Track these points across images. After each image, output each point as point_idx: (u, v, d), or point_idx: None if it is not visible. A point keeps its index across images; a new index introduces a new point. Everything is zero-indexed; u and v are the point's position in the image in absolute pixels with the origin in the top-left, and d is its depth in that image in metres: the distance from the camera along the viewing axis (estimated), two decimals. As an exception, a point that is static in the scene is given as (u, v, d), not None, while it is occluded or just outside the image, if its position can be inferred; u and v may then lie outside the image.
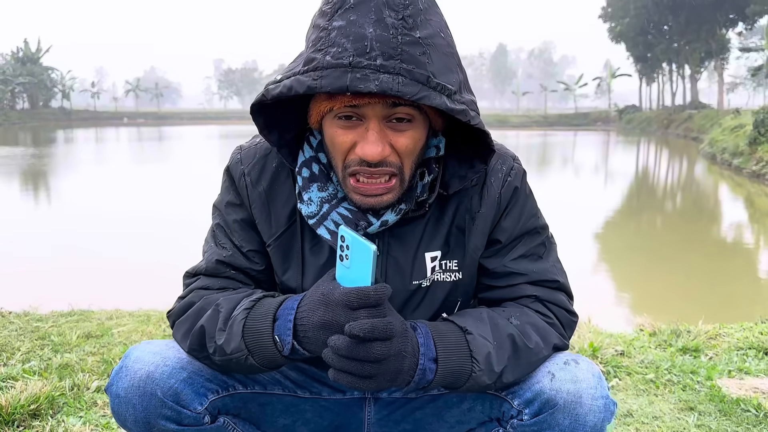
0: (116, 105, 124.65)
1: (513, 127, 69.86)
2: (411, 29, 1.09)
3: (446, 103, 1.10)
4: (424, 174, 1.28)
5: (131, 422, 1.26)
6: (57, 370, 2.76)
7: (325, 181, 1.28)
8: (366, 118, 1.15)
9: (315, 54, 1.09)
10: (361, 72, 1.06)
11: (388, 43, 1.07)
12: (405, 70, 1.07)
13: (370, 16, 1.08)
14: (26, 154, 35.05)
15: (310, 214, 1.28)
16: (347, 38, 1.07)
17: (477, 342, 1.20)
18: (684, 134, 47.51)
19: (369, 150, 1.14)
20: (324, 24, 1.11)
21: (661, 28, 62.64)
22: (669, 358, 3.09)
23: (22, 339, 3.20)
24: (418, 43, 1.09)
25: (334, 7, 1.10)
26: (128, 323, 3.50)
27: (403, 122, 1.16)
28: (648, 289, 9.83)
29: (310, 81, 1.07)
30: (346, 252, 1.11)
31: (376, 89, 1.05)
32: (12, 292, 7.26)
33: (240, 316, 1.19)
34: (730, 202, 21.25)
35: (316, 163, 1.29)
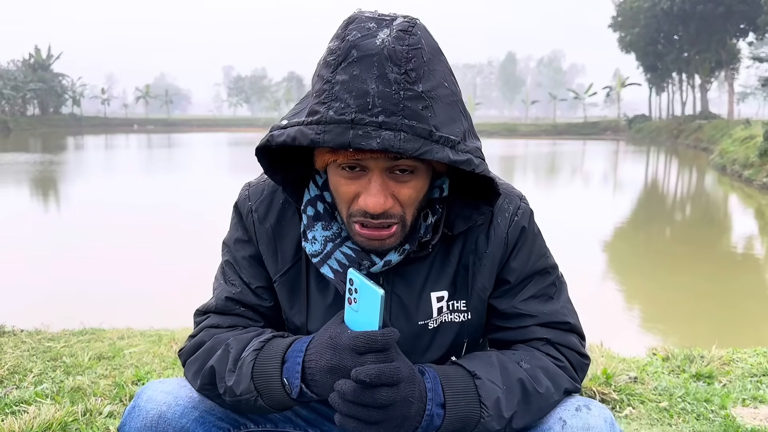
0: (126, 111, 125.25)
1: (522, 135, 69.83)
2: (413, 83, 1.09)
3: (449, 155, 1.10)
4: (427, 215, 1.28)
5: None
6: (69, 394, 2.76)
7: (330, 220, 1.29)
8: (369, 170, 1.15)
9: (318, 107, 1.10)
10: (363, 129, 1.06)
11: (390, 99, 1.07)
12: (407, 126, 1.07)
13: (373, 71, 1.07)
14: (37, 161, 35.21)
15: (314, 252, 1.28)
16: (350, 93, 1.07)
17: (486, 387, 1.20)
18: (694, 144, 47.38)
19: (371, 202, 1.14)
20: (328, 76, 1.11)
21: (672, 38, 62.54)
22: (682, 384, 3.06)
23: (34, 360, 3.20)
24: (421, 97, 1.09)
25: (337, 60, 1.10)
26: (140, 344, 3.50)
27: (406, 173, 1.16)
28: (658, 303, 9.79)
29: (314, 135, 1.08)
30: (355, 295, 1.11)
31: (378, 146, 1.05)
32: (23, 306, 7.29)
33: (249, 358, 1.20)
34: (740, 214, 21.16)
35: (321, 201, 1.29)
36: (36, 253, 11.17)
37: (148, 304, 7.48)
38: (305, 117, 1.12)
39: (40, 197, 22.12)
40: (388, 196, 1.16)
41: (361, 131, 1.06)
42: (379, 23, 1.12)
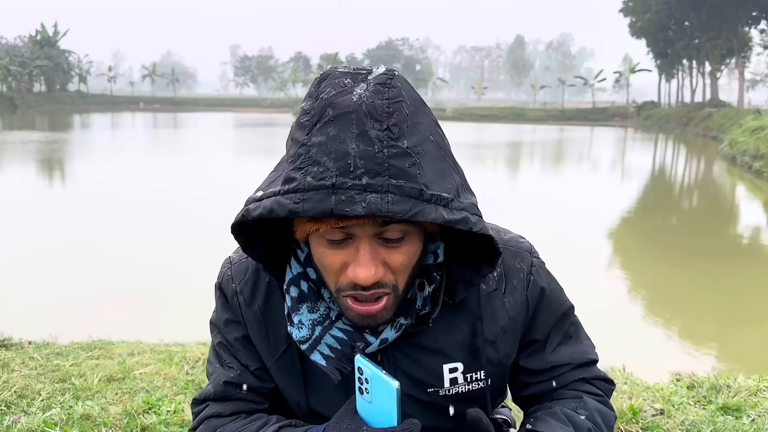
0: (132, 90, 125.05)
1: (529, 120, 69.50)
2: (397, 139, 0.98)
3: (443, 214, 0.98)
4: (424, 285, 1.16)
5: None
6: (78, 422, 2.68)
7: (316, 300, 1.16)
8: (356, 237, 1.04)
9: (294, 173, 0.99)
10: (346, 194, 0.95)
11: (374, 158, 0.96)
12: (394, 187, 0.96)
13: (352, 130, 0.97)
14: (48, 139, 35.11)
15: (301, 339, 1.16)
16: (328, 156, 0.97)
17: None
18: (703, 133, 47.09)
19: (362, 274, 1.03)
20: (303, 139, 1.00)
21: (683, 25, 62.04)
22: (710, 418, 2.97)
23: (42, 381, 3.13)
24: (407, 154, 0.98)
25: (312, 120, 1.00)
26: (150, 362, 3.42)
27: (396, 240, 1.06)
28: (664, 295, 9.72)
29: (291, 204, 0.97)
30: (366, 385, 1.03)
31: (364, 212, 0.94)
32: (30, 310, 7.20)
33: None
34: (749, 206, 21.05)
35: (304, 279, 1.17)
36: (41, 252, 11.06)
37: (156, 310, 7.38)
38: (281, 186, 1.01)
39: (46, 184, 22.09)
40: (379, 264, 1.05)
41: (344, 196, 0.95)
42: (354, 78, 1.02)
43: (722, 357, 7.09)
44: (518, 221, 9.30)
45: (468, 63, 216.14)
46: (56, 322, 5.10)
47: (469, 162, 28.36)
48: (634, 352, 5.02)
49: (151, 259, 10.38)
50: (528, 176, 26.93)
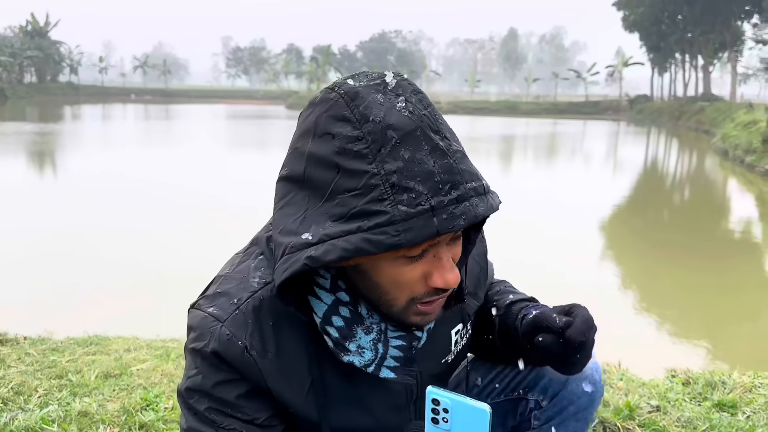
0: (124, 81, 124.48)
1: (523, 114, 69.53)
2: (451, 143, 1.01)
3: (497, 202, 1.05)
4: None
5: None
6: (76, 419, 2.68)
7: (361, 321, 1.13)
8: (433, 246, 1.04)
9: (377, 206, 0.95)
10: (446, 211, 0.95)
11: (451, 170, 0.97)
12: (473, 191, 0.99)
13: (424, 147, 0.97)
14: (42, 131, 34.94)
15: (367, 362, 1.13)
16: (414, 180, 0.95)
17: None
18: (695, 127, 47.26)
19: (452, 278, 1.04)
20: (370, 168, 0.96)
21: (676, 18, 62.19)
22: (706, 415, 2.99)
23: (39, 377, 3.12)
24: (464, 156, 1.02)
25: (374, 147, 0.96)
26: (147, 358, 3.42)
27: (456, 238, 1.08)
28: (654, 290, 9.78)
29: (390, 239, 0.93)
30: (444, 415, 1.00)
31: (465, 224, 0.96)
32: (24, 303, 7.18)
33: None
34: (741, 200, 21.17)
35: (342, 305, 1.12)
36: (33, 245, 11.01)
37: (150, 304, 7.38)
38: (357, 222, 0.96)
39: (38, 175, 22.02)
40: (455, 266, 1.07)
41: (445, 215, 0.95)
42: (382, 92, 1.00)
43: (716, 353, 7.15)
44: (510, 215, 9.34)
45: (461, 55, 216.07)
46: (51, 317, 5.11)
47: (462, 155, 28.37)
48: (629, 347, 5.06)
49: (145, 253, 10.37)
50: (520, 170, 27.00)
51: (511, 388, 1.48)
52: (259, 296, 1.13)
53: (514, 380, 1.48)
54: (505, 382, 1.49)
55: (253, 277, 1.15)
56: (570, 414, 1.41)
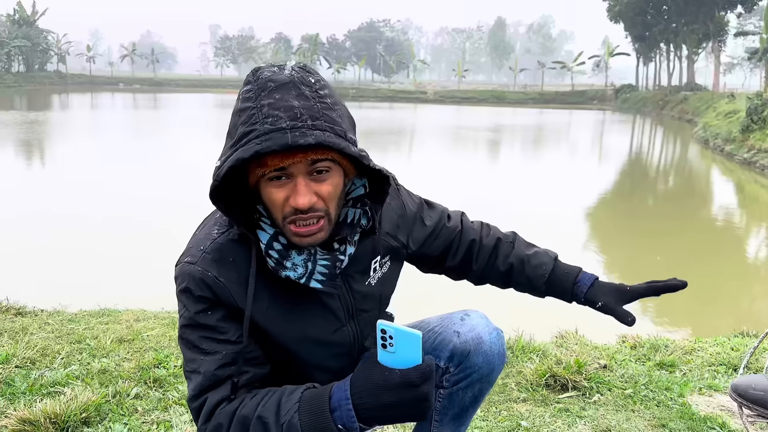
0: (112, 70, 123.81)
1: (509, 103, 69.93)
2: (324, 98, 1.39)
3: (357, 151, 1.40)
4: (355, 212, 1.55)
5: None
6: (97, 376, 3.06)
7: (295, 246, 1.48)
8: (293, 176, 1.39)
9: (250, 127, 1.33)
10: (299, 131, 1.31)
11: (312, 109, 1.35)
12: (329, 127, 1.36)
13: (292, 93, 1.35)
14: (38, 119, 34.89)
15: (299, 275, 1.47)
16: (278, 110, 1.32)
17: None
18: (679, 116, 47.74)
19: (300, 200, 1.37)
20: (252, 105, 1.35)
21: (660, 9, 62.51)
22: (647, 372, 3.41)
23: (60, 342, 3.50)
24: (332, 108, 1.39)
25: (257, 92, 1.36)
26: (155, 327, 3.81)
27: (323, 173, 1.42)
28: (636, 275, 10.17)
29: (255, 146, 1.30)
30: (390, 341, 1.32)
31: (314, 141, 1.31)
32: (34, 282, 7.54)
33: (294, 419, 1.34)
34: (720, 188, 21.57)
35: (281, 236, 1.47)
36: (40, 225, 11.40)
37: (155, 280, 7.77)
38: (238, 144, 1.34)
39: (32, 162, 22.13)
40: (312, 193, 1.40)
41: (298, 132, 1.31)
42: (279, 67, 1.40)
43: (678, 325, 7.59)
44: (495, 202, 9.66)
45: (449, 45, 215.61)
46: (63, 292, 5.47)
47: (451, 143, 28.61)
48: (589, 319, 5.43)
49: (144, 235, 10.78)
50: (506, 158, 27.30)
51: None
52: (219, 240, 1.49)
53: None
54: None
55: (213, 229, 1.52)
56: (474, 380, 1.68)
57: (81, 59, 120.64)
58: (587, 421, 2.85)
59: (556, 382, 3.17)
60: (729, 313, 8.23)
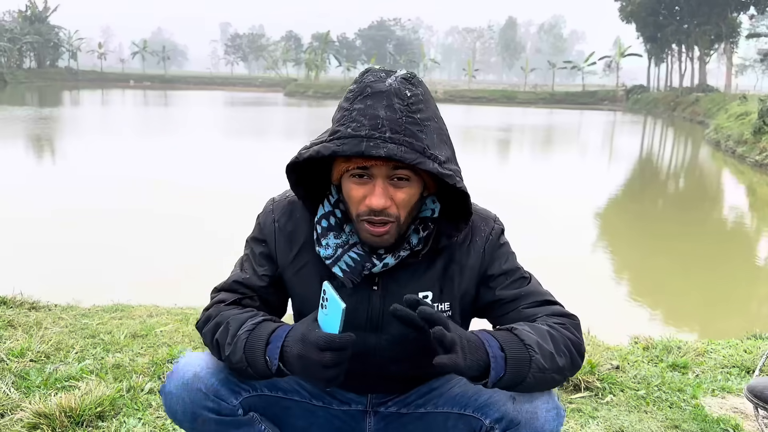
0: (123, 66, 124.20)
1: (519, 103, 69.73)
2: (413, 112, 1.47)
3: (437, 168, 1.46)
4: (419, 230, 1.62)
5: (180, 414, 1.61)
6: (111, 370, 3.07)
7: (339, 231, 1.63)
8: (374, 177, 1.50)
9: (339, 127, 1.47)
10: (374, 141, 1.42)
11: (395, 122, 1.44)
12: (407, 142, 1.44)
13: (383, 103, 1.46)
14: (47, 116, 35.06)
15: (327, 256, 1.62)
16: (364, 117, 1.45)
17: (524, 334, 1.47)
18: (690, 117, 47.51)
19: (375, 201, 1.49)
20: (347, 106, 1.48)
21: (673, 9, 62.26)
22: (660, 374, 3.40)
23: (74, 337, 3.51)
24: (417, 123, 1.47)
25: (355, 95, 1.49)
26: (168, 322, 3.83)
27: (402, 180, 1.51)
28: (646, 278, 10.15)
29: (334, 147, 1.44)
30: (325, 303, 1.44)
31: (384, 154, 1.41)
32: (45, 278, 7.59)
33: (243, 336, 1.51)
34: (732, 190, 21.47)
35: (333, 216, 1.63)
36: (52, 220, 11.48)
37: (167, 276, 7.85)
38: (327, 137, 1.48)
39: (43, 158, 22.23)
40: (388, 197, 1.50)
41: (372, 143, 1.42)
42: (387, 73, 1.51)
43: (688, 327, 7.57)
44: (505, 201, 9.67)
45: (460, 44, 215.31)
46: (75, 288, 5.51)
47: (461, 143, 28.62)
48: (602, 320, 5.44)
49: (156, 231, 10.84)
50: (516, 158, 27.27)
51: (463, 404, 1.67)
52: (293, 199, 1.73)
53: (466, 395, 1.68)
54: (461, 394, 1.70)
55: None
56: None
57: (92, 56, 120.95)
58: (600, 421, 2.85)
59: (569, 383, 3.17)
60: (740, 315, 8.18)
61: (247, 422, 1.68)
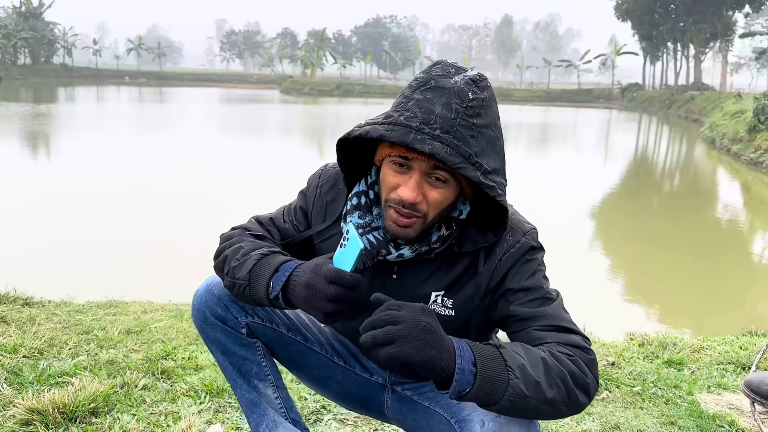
0: (118, 63, 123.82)
1: (515, 101, 69.74)
2: (470, 116, 1.44)
3: (479, 177, 1.42)
4: (441, 227, 1.58)
5: (196, 310, 1.79)
6: (105, 366, 3.05)
7: (366, 212, 1.62)
8: (412, 170, 1.48)
9: (393, 113, 1.46)
10: (421, 135, 1.40)
11: (448, 122, 1.42)
12: (454, 144, 1.41)
13: (442, 99, 1.43)
14: (45, 112, 34.96)
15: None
16: (420, 109, 1.43)
17: (510, 354, 1.32)
18: (685, 116, 47.58)
19: (406, 194, 1.47)
20: (408, 93, 1.48)
21: (668, 8, 62.31)
22: (655, 370, 3.40)
23: (68, 333, 3.49)
24: (471, 128, 1.44)
25: (418, 83, 1.48)
26: (163, 318, 3.81)
27: (439, 181, 1.48)
28: (642, 276, 10.16)
29: (383, 131, 1.43)
30: (345, 242, 1.46)
31: (428, 151, 1.39)
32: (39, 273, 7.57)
33: (255, 257, 1.58)
34: (726, 188, 21.51)
35: (365, 196, 1.64)
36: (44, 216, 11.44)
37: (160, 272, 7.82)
38: (381, 119, 1.47)
39: (36, 152, 22.17)
40: (420, 193, 1.48)
41: (419, 136, 1.40)
42: (457, 70, 1.49)
43: (684, 324, 7.58)
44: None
45: (456, 42, 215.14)
46: (69, 284, 5.49)
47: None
48: (598, 316, 5.44)
49: (151, 227, 10.81)
50: (511, 156, 27.28)
51: (453, 411, 1.65)
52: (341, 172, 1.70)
53: (459, 405, 1.63)
54: (456, 402, 1.64)
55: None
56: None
57: (87, 52, 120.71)
58: (596, 417, 2.84)
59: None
60: (735, 312, 8.21)
61: (248, 344, 1.80)
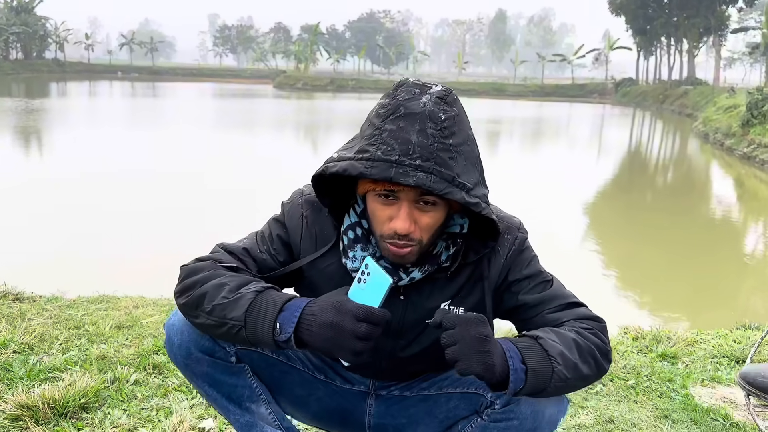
0: (110, 58, 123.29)
1: (509, 96, 69.79)
2: (445, 138, 1.41)
3: (464, 197, 1.41)
4: (449, 246, 1.59)
5: (176, 347, 1.65)
6: (96, 362, 3.03)
7: (366, 243, 1.60)
8: (400, 199, 1.46)
9: (368, 147, 1.41)
10: (404, 168, 1.37)
11: (427, 148, 1.39)
12: (437, 171, 1.39)
13: (416, 126, 1.39)
14: (39, 107, 34.81)
15: (354, 268, 1.58)
16: (396, 140, 1.39)
17: (548, 344, 1.42)
18: (679, 110, 47.72)
19: (399, 225, 1.45)
20: (378, 124, 1.42)
21: (662, 2, 62.40)
22: (649, 364, 3.39)
23: (58, 328, 3.47)
24: (449, 149, 1.41)
25: (387, 113, 1.43)
26: (154, 313, 3.78)
27: (428, 205, 1.47)
28: (635, 269, 10.17)
29: (363, 168, 1.39)
30: (365, 277, 1.42)
31: (413, 183, 1.37)
32: (29, 267, 7.54)
33: (249, 295, 1.43)
34: (719, 182, 21.58)
35: (359, 227, 1.60)
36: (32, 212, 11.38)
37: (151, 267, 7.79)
38: (355, 153, 1.43)
39: (28, 148, 22.11)
40: (413, 221, 1.46)
41: (401, 170, 1.37)
42: (422, 89, 1.45)
43: (678, 317, 7.60)
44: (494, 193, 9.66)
45: (450, 37, 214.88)
46: (60, 278, 5.45)
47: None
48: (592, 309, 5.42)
49: (142, 222, 10.78)
50: (506, 151, 27.28)
51: (466, 382, 1.68)
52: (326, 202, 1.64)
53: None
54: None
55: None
56: (512, 426, 1.56)
57: (79, 47, 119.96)
58: (590, 411, 2.83)
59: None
60: (729, 306, 8.23)
61: (239, 371, 1.69)
